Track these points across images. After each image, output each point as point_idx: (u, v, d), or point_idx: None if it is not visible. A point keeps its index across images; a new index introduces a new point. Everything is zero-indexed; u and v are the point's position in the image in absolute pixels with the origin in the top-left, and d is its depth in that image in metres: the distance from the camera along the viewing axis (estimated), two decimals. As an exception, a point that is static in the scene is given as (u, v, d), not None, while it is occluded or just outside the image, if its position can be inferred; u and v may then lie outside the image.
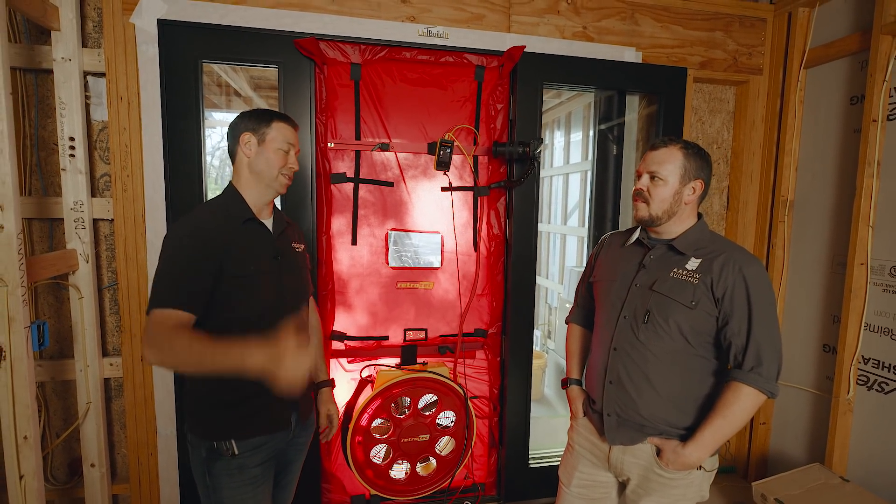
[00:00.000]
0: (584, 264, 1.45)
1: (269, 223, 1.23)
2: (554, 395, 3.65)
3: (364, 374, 2.01)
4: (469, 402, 1.99)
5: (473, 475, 2.18)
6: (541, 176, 4.67)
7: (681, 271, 1.13)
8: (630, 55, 2.09)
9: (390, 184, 1.98)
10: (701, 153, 1.17)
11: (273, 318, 1.16)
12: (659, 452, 1.15)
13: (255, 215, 1.18)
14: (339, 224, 1.95)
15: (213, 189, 1.95)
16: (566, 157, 4.06)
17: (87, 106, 1.74)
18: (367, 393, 1.90)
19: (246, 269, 1.11)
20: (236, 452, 1.11)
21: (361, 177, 1.95)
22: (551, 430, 2.97)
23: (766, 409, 2.36)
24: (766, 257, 2.34)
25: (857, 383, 1.95)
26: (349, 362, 2.01)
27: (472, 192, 2.05)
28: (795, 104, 2.20)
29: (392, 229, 2.00)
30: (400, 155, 1.97)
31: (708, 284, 1.09)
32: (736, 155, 2.39)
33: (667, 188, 1.14)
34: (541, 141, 1.88)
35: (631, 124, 2.34)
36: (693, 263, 1.13)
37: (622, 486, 1.28)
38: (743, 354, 1.08)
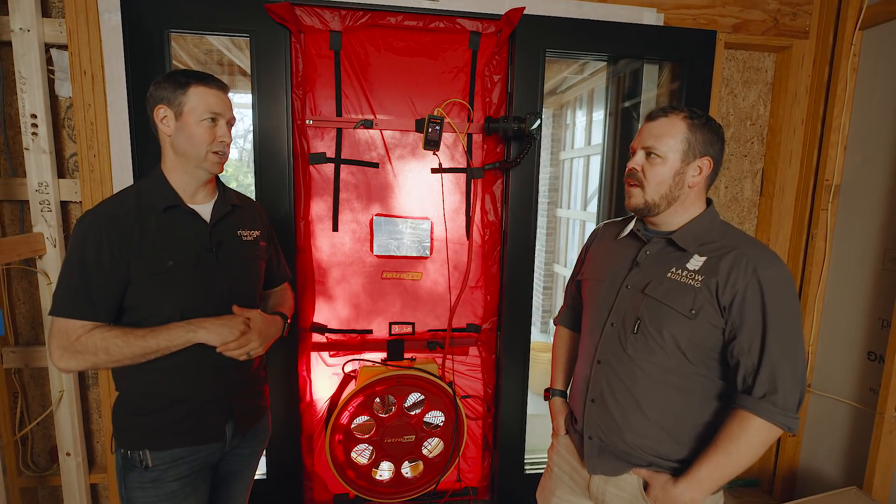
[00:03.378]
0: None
1: (204, 208, 1.08)
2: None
3: (348, 370, 1.89)
4: (459, 402, 1.84)
5: (465, 478, 2.04)
6: (560, 158, 4.42)
7: (680, 271, 0.92)
8: (650, 17, 1.83)
9: (375, 165, 1.81)
10: (710, 124, 0.94)
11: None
12: (646, 486, 0.96)
13: (184, 202, 1.04)
14: (319, 208, 1.81)
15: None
16: (587, 138, 3.77)
17: (52, 81, 1.65)
18: (350, 389, 1.78)
19: (162, 265, 0.98)
20: (150, 465, 1.00)
21: (343, 157, 1.79)
22: (559, 429, 2.81)
23: (797, 420, 2.10)
24: (804, 250, 2.05)
25: (908, 399, 1.68)
26: (331, 356, 1.89)
27: (464, 175, 1.86)
28: (847, 72, 1.88)
29: (377, 214, 1.84)
30: (386, 133, 1.80)
31: (712, 289, 0.88)
32: (773, 133, 2.09)
33: (665, 167, 0.93)
34: (537, 115, 1.66)
35: (651, 102, 2.08)
36: (696, 262, 0.92)
37: (607, 518, 1.10)
38: (754, 377, 0.87)
